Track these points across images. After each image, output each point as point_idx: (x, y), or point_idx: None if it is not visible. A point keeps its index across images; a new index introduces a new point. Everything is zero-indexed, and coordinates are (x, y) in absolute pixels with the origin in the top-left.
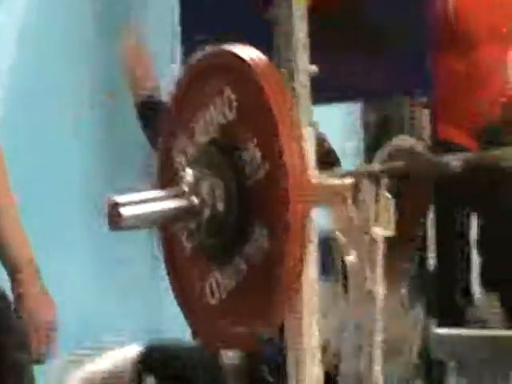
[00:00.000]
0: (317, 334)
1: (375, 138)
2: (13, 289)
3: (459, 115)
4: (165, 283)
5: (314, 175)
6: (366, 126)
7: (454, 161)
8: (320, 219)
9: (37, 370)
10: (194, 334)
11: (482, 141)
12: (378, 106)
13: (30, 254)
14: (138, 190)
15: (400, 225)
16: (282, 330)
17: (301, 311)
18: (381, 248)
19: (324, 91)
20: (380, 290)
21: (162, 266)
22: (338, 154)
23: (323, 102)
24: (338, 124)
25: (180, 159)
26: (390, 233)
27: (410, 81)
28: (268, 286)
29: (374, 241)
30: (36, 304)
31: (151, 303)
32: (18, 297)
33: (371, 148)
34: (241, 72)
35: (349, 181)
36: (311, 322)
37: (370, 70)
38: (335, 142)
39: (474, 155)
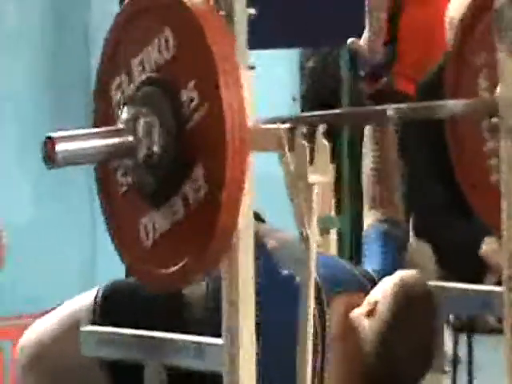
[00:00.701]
0: (252, 279)
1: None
2: None
3: (408, 67)
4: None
5: (252, 119)
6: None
7: (390, 110)
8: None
9: None
10: (128, 272)
11: (419, 92)
12: (315, 53)
13: None
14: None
15: None
16: None
17: (236, 255)
18: (316, 194)
19: (262, 35)
20: (315, 235)
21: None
22: (277, 101)
23: (261, 46)
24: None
25: (117, 97)
26: (326, 179)
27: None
28: (204, 229)
29: (309, 186)
30: None
31: (87, 240)
32: None
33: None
34: (181, 12)
35: (286, 126)
36: (247, 266)
37: (309, 17)
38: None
39: (409, 105)
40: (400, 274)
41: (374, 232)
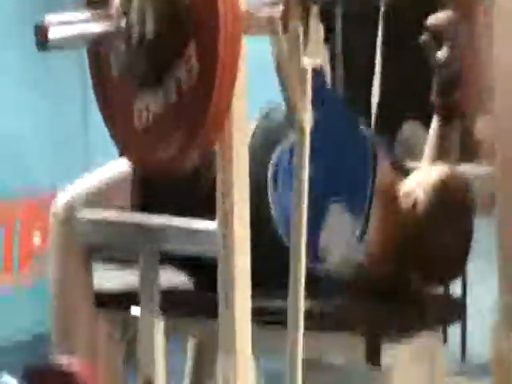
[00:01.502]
0: (246, 162)
1: None
2: None
3: None
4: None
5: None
6: None
7: None
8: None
9: None
10: (121, 154)
11: None
12: None
13: None
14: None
15: None
16: None
17: (230, 135)
18: (310, 76)
19: None
20: (308, 119)
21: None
22: None
23: None
24: None
25: None
26: (319, 62)
27: None
28: (198, 112)
29: (303, 70)
30: None
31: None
32: None
33: None
34: None
35: (279, 9)
36: (242, 147)
37: None
38: None
39: None
40: (438, 171)
41: None
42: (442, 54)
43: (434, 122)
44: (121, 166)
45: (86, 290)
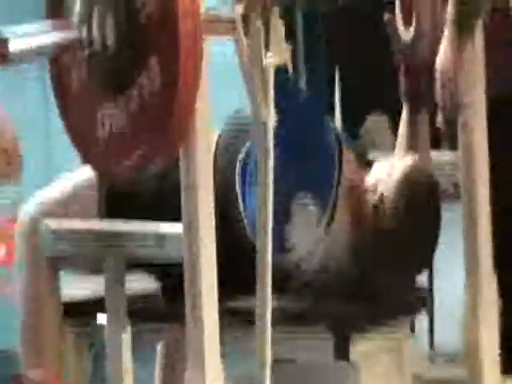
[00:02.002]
0: (210, 163)
1: None
2: None
3: None
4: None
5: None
6: None
7: None
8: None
9: None
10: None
11: None
12: None
13: None
14: None
15: None
16: None
17: (193, 141)
18: (272, 76)
19: None
20: (271, 117)
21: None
22: None
23: None
24: None
25: None
26: (281, 60)
27: None
28: (160, 119)
29: (265, 68)
30: None
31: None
32: None
33: None
34: None
35: (239, 10)
36: (205, 151)
37: None
38: None
39: None
40: (403, 167)
41: None
42: (407, 34)
43: (404, 111)
44: (85, 175)
45: (53, 302)
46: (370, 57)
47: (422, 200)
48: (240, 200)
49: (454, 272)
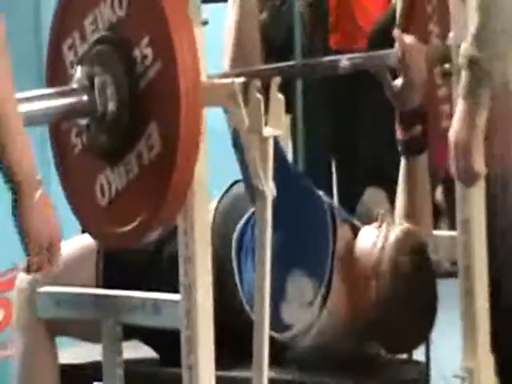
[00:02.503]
0: (208, 238)
1: (266, 37)
2: (13, 203)
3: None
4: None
5: (206, 74)
6: None
7: (343, 60)
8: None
9: None
10: (83, 229)
11: (370, 42)
12: (268, 5)
13: (30, 166)
14: None
15: None
16: None
17: (191, 211)
18: (271, 147)
19: None
20: (270, 188)
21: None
22: None
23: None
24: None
25: (70, 57)
26: (280, 132)
27: None
28: (159, 186)
29: (264, 140)
30: (37, 219)
31: None
32: (18, 212)
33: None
34: None
35: (240, 80)
36: (203, 221)
37: None
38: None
39: (361, 55)
40: (396, 234)
41: None
42: (397, 82)
43: (402, 163)
44: (85, 242)
45: (50, 367)
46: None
47: (415, 268)
48: (236, 271)
49: (450, 345)
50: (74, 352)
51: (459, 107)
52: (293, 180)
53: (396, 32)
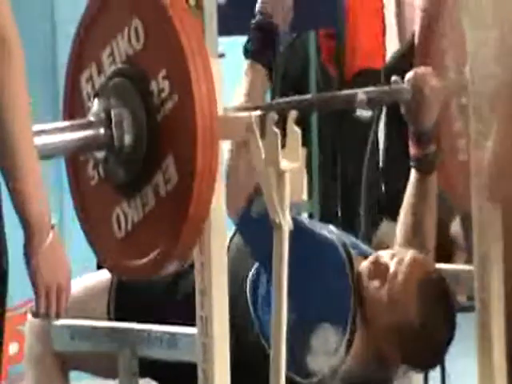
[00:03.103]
0: (225, 270)
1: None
2: (24, 244)
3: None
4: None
5: (222, 108)
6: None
7: (361, 94)
8: None
9: None
10: (101, 264)
11: (386, 76)
12: (283, 39)
13: (44, 208)
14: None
15: None
16: None
17: (208, 246)
18: (288, 180)
19: (231, 22)
20: (287, 222)
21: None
22: None
23: (230, 33)
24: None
25: (87, 89)
26: (297, 165)
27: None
28: (176, 219)
29: (281, 173)
30: (45, 263)
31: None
32: (28, 254)
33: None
34: (150, 2)
35: (257, 113)
36: (220, 254)
37: None
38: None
39: (377, 89)
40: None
41: None
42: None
43: (411, 178)
44: (99, 277)
45: None
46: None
47: (433, 288)
48: (251, 307)
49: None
50: None
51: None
52: (306, 234)
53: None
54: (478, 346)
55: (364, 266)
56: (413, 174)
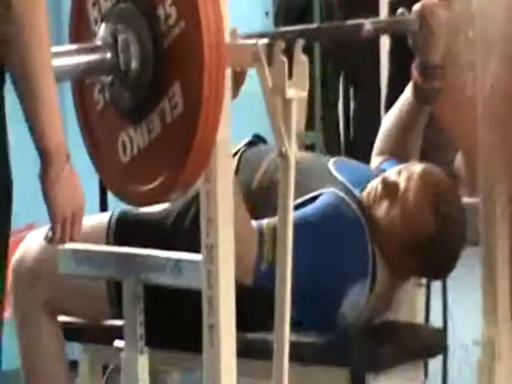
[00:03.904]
0: (231, 198)
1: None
2: (40, 172)
3: None
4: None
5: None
6: None
7: (368, 24)
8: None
9: None
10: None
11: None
12: None
13: (61, 137)
14: None
15: None
16: None
17: (214, 174)
18: (295, 109)
19: None
20: (294, 151)
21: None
22: (250, 15)
23: None
24: None
25: (94, 13)
26: (304, 94)
27: None
28: (182, 145)
29: (288, 102)
30: (63, 192)
31: None
32: (45, 182)
33: (280, 11)
34: None
35: (264, 41)
36: (226, 181)
37: None
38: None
39: (384, 20)
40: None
41: None
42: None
43: (404, 101)
44: (94, 221)
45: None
46: None
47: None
48: None
49: (469, 313)
50: None
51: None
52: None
53: None
54: (482, 279)
55: (372, 188)
56: (408, 98)
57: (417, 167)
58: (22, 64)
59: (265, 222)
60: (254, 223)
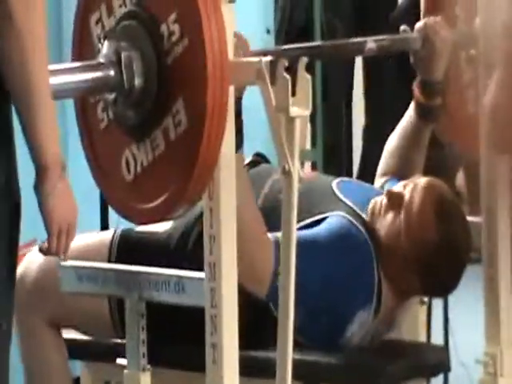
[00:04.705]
0: (234, 212)
1: (286, 18)
2: (36, 183)
3: None
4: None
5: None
6: (278, 6)
7: (370, 42)
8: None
9: None
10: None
11: (393, 22)
12: None
13: (57, 148)
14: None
15: None
16: None
17: (217, 188)
18: (298, 127)
19: None
20: (296, 168)
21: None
22: (251, 33)
23: None
24: (251, 3)
25: (97, 31)
26: (307, 112)
27: None
28: (185, 162)
29: (291, 120)
30: (59, 203)
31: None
32: (41, 194)
33: (282, 29)
34: None
35: (267, 59)
36: (229, 198)
37: None
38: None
39: (387, 37)
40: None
41: None
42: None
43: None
44: (97, 238)
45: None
46: None
47: (449, 207)
48: None
49: (470, 329)
50: None
51: (497, 76)
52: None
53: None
54: (485, 298)
55: (376, 202)
56: (411, 116)
57: (421, 179)
58: (19, 75)
59: (279, 234)
60: (269, 235)
